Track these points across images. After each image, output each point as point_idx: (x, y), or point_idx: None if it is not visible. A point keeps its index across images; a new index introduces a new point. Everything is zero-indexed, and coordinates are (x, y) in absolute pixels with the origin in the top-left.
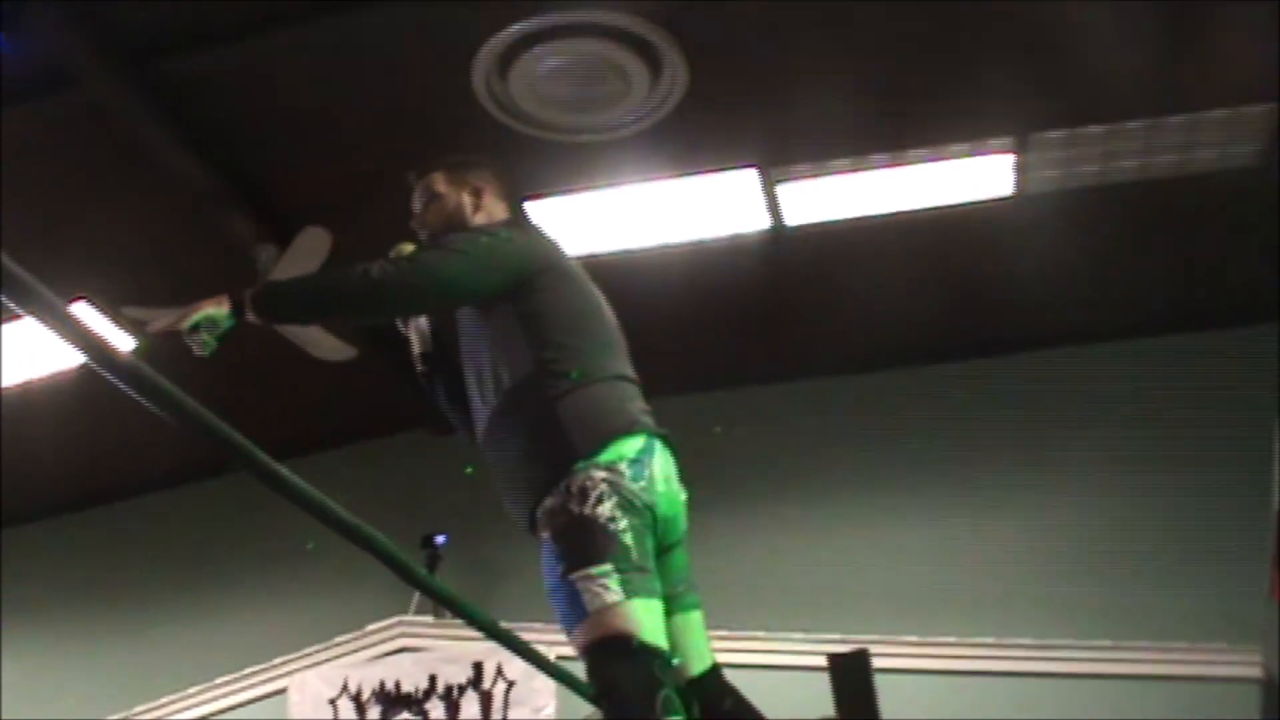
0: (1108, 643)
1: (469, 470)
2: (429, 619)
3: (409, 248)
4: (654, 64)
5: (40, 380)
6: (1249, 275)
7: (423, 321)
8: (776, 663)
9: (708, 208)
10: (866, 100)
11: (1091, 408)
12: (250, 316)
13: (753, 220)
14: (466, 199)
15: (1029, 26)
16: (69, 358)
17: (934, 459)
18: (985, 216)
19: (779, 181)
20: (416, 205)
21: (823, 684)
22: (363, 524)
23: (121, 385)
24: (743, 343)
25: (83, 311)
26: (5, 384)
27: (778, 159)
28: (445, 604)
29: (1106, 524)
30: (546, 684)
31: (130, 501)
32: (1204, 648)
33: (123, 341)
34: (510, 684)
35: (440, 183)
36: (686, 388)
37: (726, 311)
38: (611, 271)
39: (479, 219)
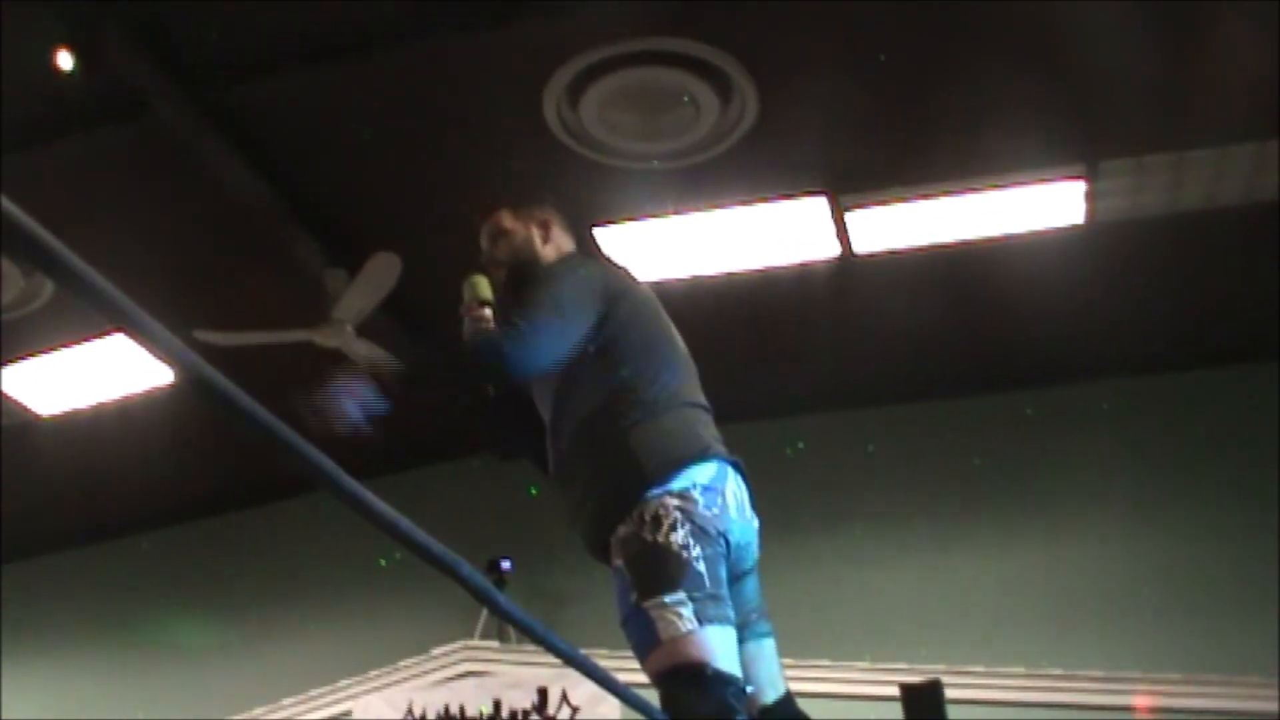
0: (1177, 675)
1: (533, 491)
2: (494, 643)
3: (482, 280)
4: (724, 91)
5: (110, 404)
6: None
7: None
8: (841, 691)
9: (776, 235)
10: (936, 129)
11: (1159, 439)
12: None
13: (821, 248)
14: (535, 231)
15: (1092, 55)
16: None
17: (1001, 487)
18: (1051, 245)
19: (848, 209)
20: (485, 244)
21: (887, 711)
22: (447, 550)
23: (215, 408)
24: (810, 369)
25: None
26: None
27: (847, 186)
28: (524, 630)
29: (1181, 556)
30: (612, 710)
31: (193, 525)
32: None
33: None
34: (575, 710)
35: (507, 219)
36: (752, 414)
37: (793, 338)
38: (679, 298)
39: (548, 250)
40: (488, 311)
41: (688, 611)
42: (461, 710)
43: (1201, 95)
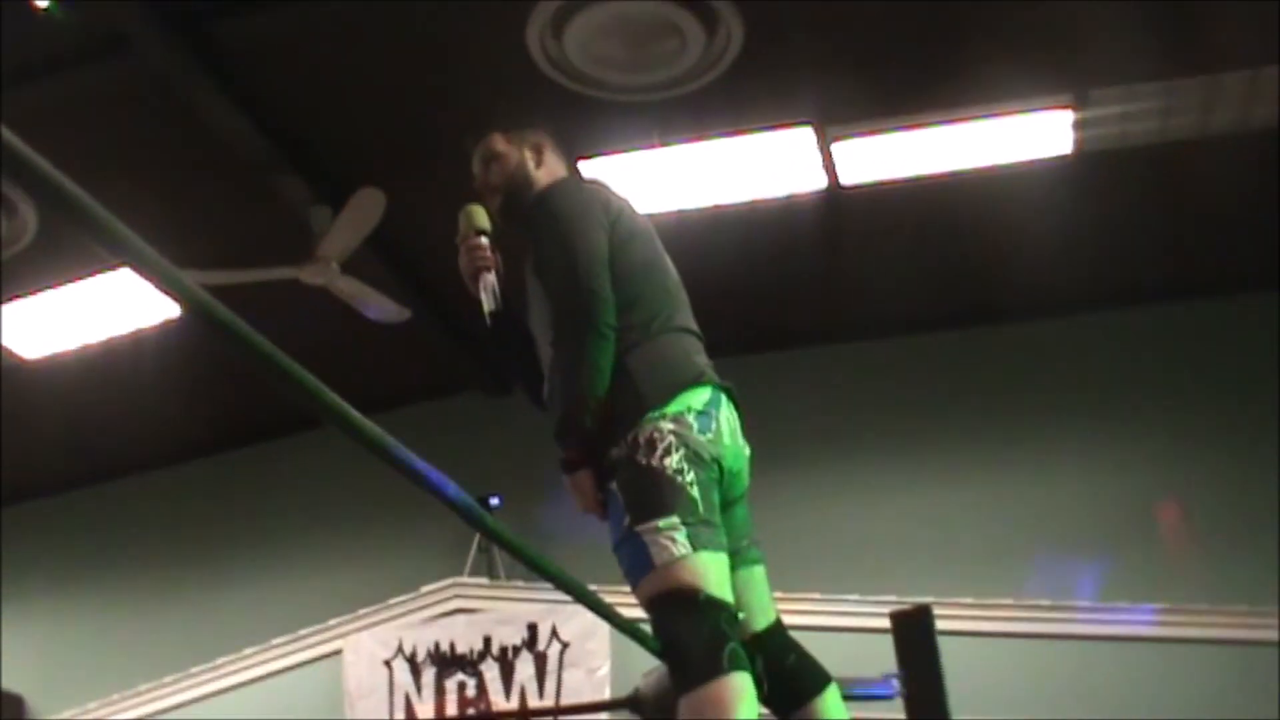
0: (1165, 604)
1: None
2: (484, 580)
3: (478, 209)
4: (709, 22)
5: (95, 345)
6: None
7: (492, 279)
8: (832, 624)
9: (762, 167)
10: (923, 58)
11: (1153, 369)
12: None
13: (808, 180)
14: (528, 155)
15: None
16: (120, 323)
17: (989, 420)
18: (1042, 176)
19: (834, 140)
20: (477, 168)
21: (878, 645)
22: (433, 467)
23: (219, 338)
24: (796, 303)
25: (129, 276)
26: (71, 346)
27: (834, 117)
28: (512, 551)
29: (1174, 485)
30: (601, 645)
31: (184, 466)
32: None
33: (171, 306)
34: (565, 645)
35: (500, 143)
36: (739, 348)
37: (780, 272)
38: (665, 231)
39: (541, 174)
40: (484, 240)
41: (681, 536)
42: (452, 647)
43: (1191, 22)
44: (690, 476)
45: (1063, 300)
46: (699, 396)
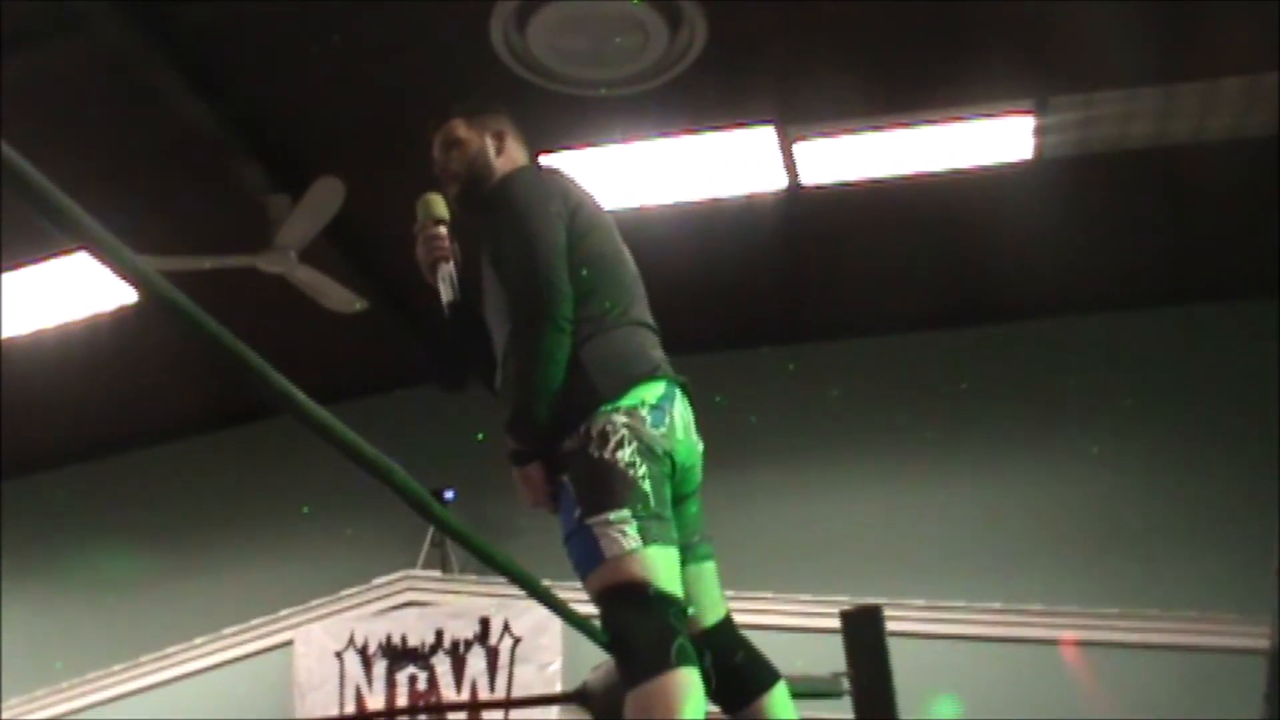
0: (1115, 610)
1: (480, 437)
2: (436, 573)
3: (435, 198)
4: (673, 19)
5: (50, 330)
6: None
7: (450, 269)
8: (783, 623)
9: (724, 165)
10: (886, 61)
11: (1103, 377)
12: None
13: (769, 179)
14: (489, 142)
15: None
16: (78, 307)
17: (943, 424)
18: (1002, 181)
19: (796, 140)
20: (437, 153)
21: (828, 644)
22: (381, 453)
23: (177, 320)
24: (755, 303)
25: (87, 259)
26: (14, 333)
27: (795, 117)
28: (459, 539)
29: (1118, 492)
30: (554, 640)
31: (134, 453)
32: (1214, 618)
33: (126, 291)
34: (517, 640)
35: (460, 128)
36: (697, 347)
37: (740, 271)
38: (626, 227)
39: (501, 163)
40: (443, 229)
41: (632, 530)
42: (403, 640)
43: (1152, 31)
44: (643, 470)
45: (1022, 306)
46: (653, 390)
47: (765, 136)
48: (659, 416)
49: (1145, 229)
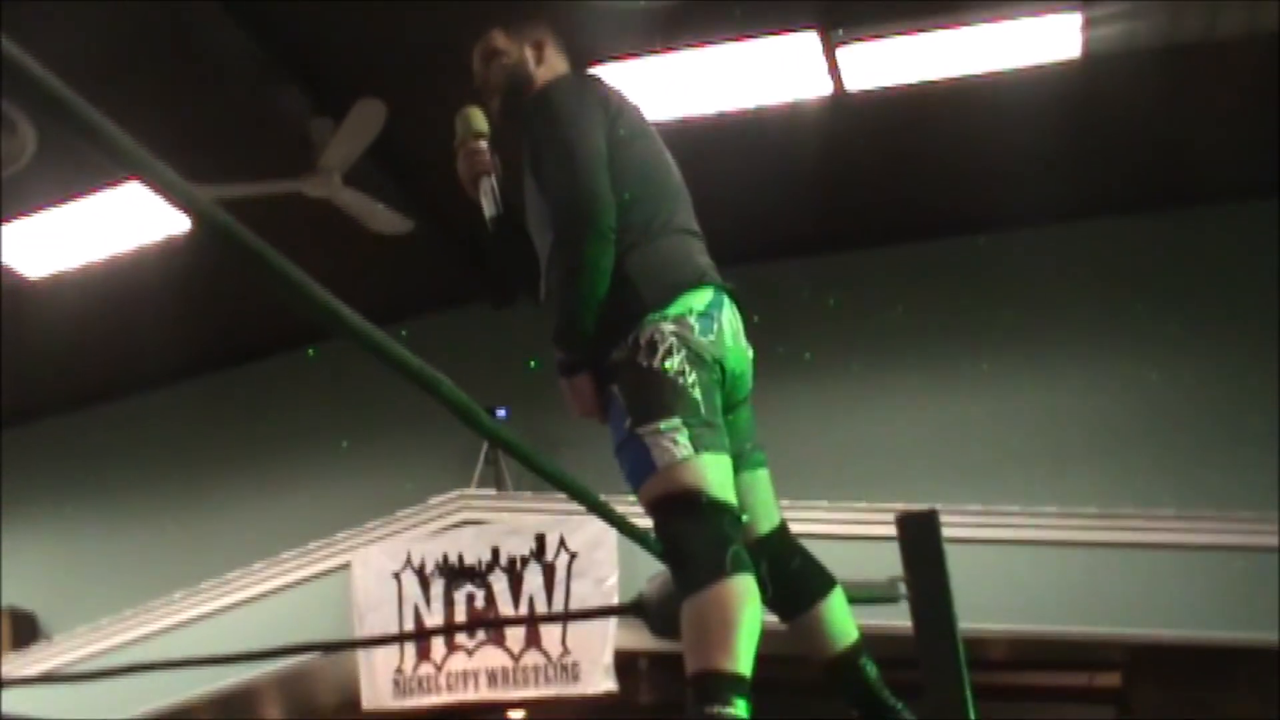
0: (1170, 511)
1: (533, 364)
2: (491, 491)
3: (476, 112)
4: None
5: (101, 261)
6: None
7: (492, 183)
8: (839, 532)
9: (766, 73)
10: None
11: (1148, 277)
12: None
13: (813, 85)
14: (529, 53)
15: None
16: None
17: (997, 327)
18: (1046, 80)
19: (840, 44)
20: (477, 65)
21: (884, 552)
22: (426, 365)
23: (228, 250)
24: (802, 210)
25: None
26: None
27: (838, 21)
28: (512, 451)
29: (1167, 393)
30: (609, 555)
31: (190, 383)
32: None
33: (176, 220)
34: (573, 555)
35: (500, 39)
36: (744, 256)
37: (785, 179)
38: (669, 138)
39: (541, 72)
40: (483, 143)
41: (683, 438)
42: (460, 559)
43: None
44: (692, 378)
45: (1066, 207)
46: (701, 298)
47: (808, 42)
48: (707, 324)
49: (1190, 125)
